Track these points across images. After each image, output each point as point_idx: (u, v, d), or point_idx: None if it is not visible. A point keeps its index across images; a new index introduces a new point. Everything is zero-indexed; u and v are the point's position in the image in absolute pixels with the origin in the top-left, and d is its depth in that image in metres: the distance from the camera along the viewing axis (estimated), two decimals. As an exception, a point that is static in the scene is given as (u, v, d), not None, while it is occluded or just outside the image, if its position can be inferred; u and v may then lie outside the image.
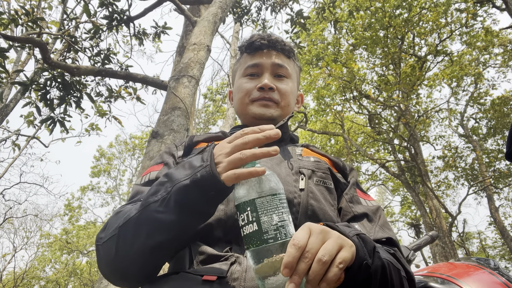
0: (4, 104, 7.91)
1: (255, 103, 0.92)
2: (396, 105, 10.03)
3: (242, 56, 1.01)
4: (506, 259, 15.08)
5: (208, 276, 0.60)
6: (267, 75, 0.93)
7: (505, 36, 9.69)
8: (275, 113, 0.91)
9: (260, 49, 0.96)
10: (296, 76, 1.02)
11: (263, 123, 0.86)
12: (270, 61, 0.95)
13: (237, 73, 1.01)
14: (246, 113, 0.93)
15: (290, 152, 0.88)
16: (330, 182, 0.83)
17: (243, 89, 0.94)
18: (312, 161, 0.86)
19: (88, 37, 4.25)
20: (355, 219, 0.80)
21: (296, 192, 0.75)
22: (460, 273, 1.13)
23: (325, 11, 5.53)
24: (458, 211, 10.73)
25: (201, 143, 0.90)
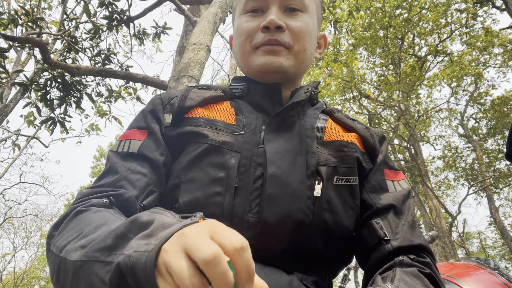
0: (4, 104, 7.90)
1: (259, 49, 0.69)
2: (396, 105, 10.03)
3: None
4: (506, 259, 15.07)
5: None
6: (274, 10, 0.68)
7: (505, 36, 9.69)
8: (285, 62, 0.68)
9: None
10: (316, 8, 0.75)
11: (271, 76, 0.69)
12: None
13: (236, 11, 0.78)
14: (249, 64, 0.71)
15: (308, 133, 0.66)
16: (354, 178, 0.65)
17: (243, 31, 0.70)
18: (336, 151, 0.65)
19: (88, 37, 4.25)
20: (378, 213, 0.64)
21: (308, 208, 0.59)
22: (460, 273, 1.13)
23: (325, 11, 5.53)
24: (458, 211, 10.73)
25: (196, 108, 0.68)
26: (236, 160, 0.60)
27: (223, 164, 0.60)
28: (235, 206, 0.58)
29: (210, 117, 0.66)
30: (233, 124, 0.65)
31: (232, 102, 0.71)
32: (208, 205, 0.58)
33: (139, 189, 0.59)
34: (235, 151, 0.61)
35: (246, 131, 0.64)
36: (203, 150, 0.62)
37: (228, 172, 0.59)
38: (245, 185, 0.59)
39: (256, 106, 0.70)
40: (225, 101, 0.71)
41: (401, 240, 0.60)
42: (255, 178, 0.59)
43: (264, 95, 0.71)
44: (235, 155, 0.61)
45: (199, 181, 0.60)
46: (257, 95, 0.71)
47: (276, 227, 0.57)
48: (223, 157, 0.61)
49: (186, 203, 0.59)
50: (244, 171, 0.60)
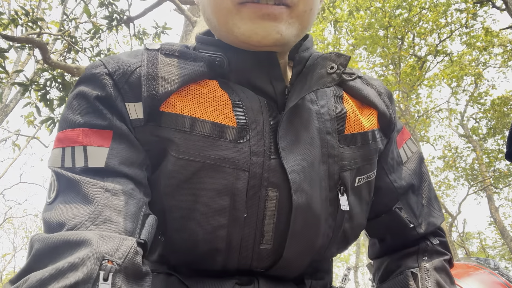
0: (4, 104, 7.91)
1: (245, 7, 0.43)
2: (396, 105, 10.03)
3: None
4: (506, 259, 15.07)
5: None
6: None
7: (505, 36, 9.69)
8: (286, 30, 0.45)
9: None
10: None
11: (262, 50, 0.47)
12: None
13: None
14: (228, 29, 0.46)
15: (328, 129, 0.50)
16: (373, 173, 0.54)
17: None
18: (359, 147, 0.52)
19: (88, 38, 4.25)
20: (399, 197, 0.58)
21: (330, 226, 0.50)
22: (460, 273, 1.13)
23: (325, 11, 5.53)
24: (458, 211, 10.73)
25: (173, 95, 0.45)
26: (244, 182, 0.44)
27: (225, 189, 0.44)
28: (244, 238, 0.45)
29: (197, 116, 0.45)
30: (233, 126, 0.45)
31: (221, 83, 0.48)
32: (208, 241, 0.45)
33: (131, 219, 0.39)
34: (241, 169, 0.44)
35: (251, 134, 0.45)
36: (195, 170, 0.44)
37: (233, 199, 0.44)
38: (254, 212, 0.45)
39: (249, 85, 0.49)
40: (212, 80, 0.48)
41: (426, 226, 0.58)
42: (268, 203, 0.45)
43: (257, 72, 0.49)
44: (241, 175, 0.44)
45: (194, 211, 0.45)
46: (246, 72, 0.49)
47: (295, 260, 0.48)
48: (225, 178, 0.44)
49: (176, 240, 0.46)
50: (253, 195, 0.45)
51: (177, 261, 0.49)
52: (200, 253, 0.46)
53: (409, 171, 0.60)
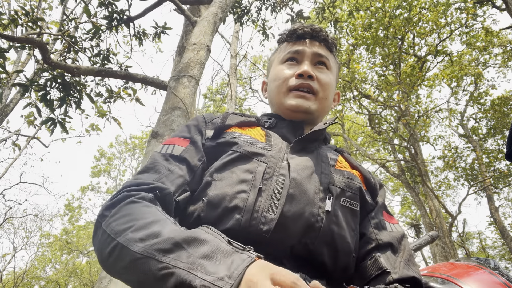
0: (4, 104, 7.91)
1: (291, 93, 0.85)
2: (396, 105, 10.03)
3: (282, 45, 0.95)
4: (506, 259, 15.07)
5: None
6: (307, 63, 0.87)
7: (505, 36, 9.69)
8: (312, 106, 0.85)
9: (303, 38, 0.90)
10: (336, 71, 0.96)
11: (299, 115, 0.86)
12: (312, 50, 0.89)
13: (275, 62, 0.95)
14: (281, 103, 0.87)
15: (324, 159, 0.80)
16: (357, 204, 0.76)
17: (281, 76, 0.88)
18: (344, 178, 0.78)
19: (88, 38, 4.26)
20: (379, 248, 0.75)
21: (319, 215, 0.69)
22: (460, 273, 1.13)
23: (325, 11, 5.53)
24: (458, 211, 10.73)
25: (234, 127, 0.83)
26: (262, 168, 0.72)
27: (251, 169, 0.72)
28: (257, 203, 0.67)
29: (244, 134, 0.81)
30: (263, 142, 0.79)
31: (263, 129, 0.85)
32: (234, 199, 0.67)
33: (176, 186, 0.71)
34: (263, 162, 0.73)
35: (273, 149, 0.77)
36: (236, 156, 0.74)
37: (254, 175, 0.70)
38: (267, 189, 0.69)
39: (282, 136, 0.84)
40: (258, 126, 0.86)
41: (400, 274, 0.71)
42: (277, 184, 0.70)
43: (289, 129, 0.86)
44: (262, 164, 0.73)
45: (229, 179, 0.70)
46: (283, 128, 0.86)
47: (290, 223, 0.66)
48: (252, 164, 0.73)
49: (215, 196, 0.69)
50: (268, 178, 0.71)
51: (207, 220, 0.67)
52: (226, 208, 0.67)
53: (391, 236, 0.78)
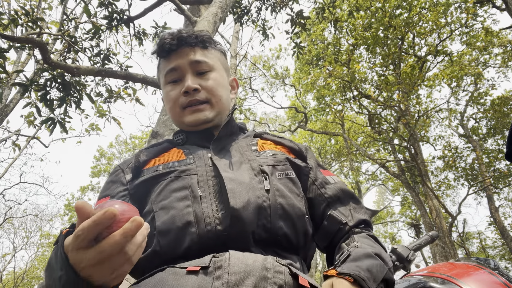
0: (4, 104, 7.91)
1: (185, 110, 0.87)
2: (396, 105, 10.03)
3: (160, 61, 0.94)
4: (506, 259, 15.07)
5: (192, 267, 0.60)
6: (189, 77, 0.87)
7: (505, 36, 9.69)
8: (210, 114, 0.87)
9: (172, 50, 0.88)
10: (221, 63, 0.95)
11: (203, 127, 0.88)
12: (187, 60, 0.88)
13: (161, 81, 0.94)
14: (181, 122, 0.89)
15: (245, 148, 0.85)
16: (291, 172, 0.82)
17: (170, 99, 0.88)
18: (270, 155, 0.84)
19: (88, 38, 4.25)
20: (330, 205, 0.83)
21: (263, 195, 0.73)
22: (460, 273, 1.13)
23: (325, 11, 5.53)
24: (458, 211, 10.73)
25: (151, 160, 0.85)
26: (195, 180, 0.75)
27: (185, 185, 0.74)
28: (204, 210, 0.70)
29: (165, 162, 0.82)
30: (184, 159, 0.82)
31: (178, 147, 0.89)
32: (182, 216, 0.69)
33: None
34: (192, 174, 0.77)
35: (196, 159, 0.81)
36: (166, 183, 0.76)
37: (191, 188, 0.73)
38: (207, 193, 0.73)
39: (198, 146, 0.88)
40: (172, 148, 0.89)
41: (354, 220, 0.80)
42: (213, 185, 0.74)
43: (201, 137, 0.89)
44: (193, 177, 0.76)
45: (170, 204, 0.72)
46: (195, 139, 0.89)
47: (242, 212, 0.68)
48: (184, 181, 0.75)
49: (163, 223, 0.70)
50: (203, 185, 0.74)
51: (165, 249, 0.68)
52: (179, 228, 0.68)
53: (336, 188, 0.86)
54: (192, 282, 0.57)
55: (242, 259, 0.61)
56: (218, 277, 0.57)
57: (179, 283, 0.57)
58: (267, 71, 14.30)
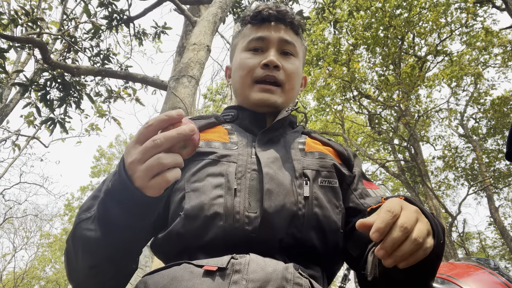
0: (4, 104, 7.90)
1: (256, 86, 0.82)
2: (396, 105, 10.03)
3: (245, 27, 0.89)
4: (506, 259, 15.07)
5: (209, 267, 0.57)
6: (273, 51, 0.82)
7: (505, 36, 9.69)
8: (278, 99, 0.82)
9: (268, 21, 0.85)
10: (303, 54, 0.93)
11: (264, 109, 0.83)
12: (278, 35, 0.84)
13: (238, 47, 0.89)
14: (246, 96, 0.84)
15: (292, 146, 0.79)
16: (335, 181, 0.76)
17: (245, 66, 0.83)
18: (316, 158, 0.77)
19: (88, 38, 4.25)
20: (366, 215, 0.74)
21: (300, 202, 0.68)
22: (460, 273, 1.13)
23: (325, 11, 5.53)
24: (458, 211, 10.73)
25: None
26: (233, 168, 0.70)
27: (222, 172, 0.70)
28: (236, 205, 0.65)
29: (207, 139, 0.78)
30: (227, 142, 0.77)
31: (224, 125, 0.84)
32: (212, 206, 0.65)
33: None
34: (232, 161, 0.72)
35: (239, 146, 0.76)
36: (204, 164, 0.72)
37: (227, 177, 0.69)
38: (243, 187, 0.68)
39: (244, 128, 0.83)
40: (218, 125, 0.84)
41: None
42: (251, 180, 0.69)
43: (251, 120, 0.84)
44: (232, 164, 0.71)
45: (202, 188, 0.68)
46: (245, 120, 0.84)
47: (274, 218, 0.65)
48: (221, 167, 0.71)
49: (192, 208, 0.66)
50: (241, 176, 0.70)
51: (189, 234, 0.66)
52: (206, 217, 0.64)
53: (375, 199, 0.78)
54: (207, 285, 0.54)
55: (262, 265, 0.58)
56: (235, 282, 0.55)
57: (194, 284, 0.55)
58: (267, 71, 14.28)
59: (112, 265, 0.60)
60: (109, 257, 0.58)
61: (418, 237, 0.47)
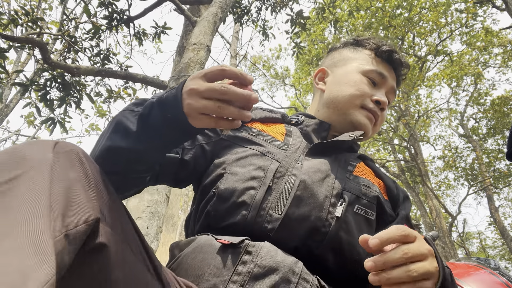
0: (4, 104, 7.90)
1: (364, 111, 0.84)
2: (396, 105, 10.02)
3: (364, 50, 0.91)
4: (506, 259, 15.07)
5: (223, 240, 0.60)
6: (384, 93, 0.87)
7: (505, 36, 9.69)
8: (368, 133, 0.86)
9: (391, 64, 0.89)
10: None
11: (351, 130, 0.84)
12: (393, 82, 0.89)
13: (353, 64, 0.89)
14: (348, 113, 0.84)
15: (342, 164, 0.77)
16: (372, 213, 0.73)
17: (361, 89, 0.84)
18: (362, 185, 0.75)
19: (88, 38, 4.25)
20: None
21: (327, 220, 0.66)
22: (460, 273, 1.13)
23: (325, 11, 5.53)
24: (458, 211, 10.73)
25: (256, 122, 0.84)
26: (275, 166, 0.71)
27: (263, 167, 0.71)
28: (264, 201, 0.66)
29: (264, 131, 0.80)
30: (281, 141, 0.78)
31: (286, 126, 0.85)
32: (242, 194, 0.67)
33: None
34: (276, 160, 0.73)
35: (290, 148, 0.77)
36: (250, 153, 0.74)
37: (266, 173, 0.70)
38: (277, 187, 0.68)
39: (304, 134, 0.84)
40: (281, 124, 0.86)
41: None
42: (287, 183, 0.69)
43: (314, 128, 0.85)
44: (275, 163, 0.72)
45: (241, 175, 0.70)
46: (309, 127, 0.85)
47: (294, 225, 0.65)
48: (265, 161, 0.72)
49: (225, 190, 0.68)
50: (279, 177, 0.70)
51: (215, 213, 0.68)
52: (234, 203, 0.67)
53: None
54: (218, 259, 0.58)
55: (274, 254, 0.59)
56: (244, 262, 0.57)
57: (208, 257, 0.59)
58: (267, 71, 14.31)
59: (129, 160, 0.60)
60: (130, 150, 0.58)
61: (414, 270, 0.45)
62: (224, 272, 0.57)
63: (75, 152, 0.43)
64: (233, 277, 0.56)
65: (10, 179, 0.35)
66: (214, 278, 0.57)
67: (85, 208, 0.39)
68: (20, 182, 0.35)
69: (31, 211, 0.33)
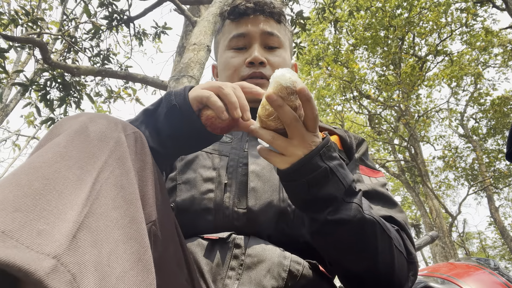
0: (4, 104, 7.90)
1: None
2: (396, 105, 10.03)
3: (225, 23, 0.86)
4: (506, 259, 15.08)
5: (211, 236, 0.61)
6: (256, 47, 0.80)
7: (505, 36, 9.69)
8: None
9: (246, 15, 0.81)
10: (289, 43, 0.88)
11: (256, 105, 0.77)
12: (259, 29, 0.80)
13: (221, 45, 0.86)
14: None
15: None
16: None
17: (231, 66, 0.81)
18: None
19: (88, 38, 4.25)
20: None
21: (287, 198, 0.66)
22: (460, 273, 1.13)
23: (325, 11, 5.53)
24: (458, 211, 10.73)
25: None
26: (225, 162, 0.70)
27: (214, 165, 0.70)
28: (225, 200, 0.66)
29: None
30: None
31: None
32: (202, 200, 0.66)
33: None
34: (224, 155, 0.72)
35: (233, 139, 0.75)
36: (195, 156, 0.72)
37: (218, 171, 0.69)
38: (233, 182, 0.68)
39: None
40: None
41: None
42: (242, 175, 0.68)
43: None
44: (224, 158, 0.71)
45: (194, 181, 0.68)
46: None
47: (259, 215, 0.64)
48: (213, 160, 0.71)
49: (183, 201, 0.67)
50: (232, 171, 0.69)
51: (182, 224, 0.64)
52: (196, 211, 0.65)
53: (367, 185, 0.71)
54: (210, 259, 0.59)
55: (263, 245, 0.60)
56: (236, 257, 0.58)
57: (199, 256, 0.60)
58: (267, 71, 14.31)
59: None
60: None
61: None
62: (218, 269, 0.58)
63: (138, 134, 0.45)
64: (228, 272, 0.57)
65: (106, 159, 0.37)
66: (210, 276, 0.58)
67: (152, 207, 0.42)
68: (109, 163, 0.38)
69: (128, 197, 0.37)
